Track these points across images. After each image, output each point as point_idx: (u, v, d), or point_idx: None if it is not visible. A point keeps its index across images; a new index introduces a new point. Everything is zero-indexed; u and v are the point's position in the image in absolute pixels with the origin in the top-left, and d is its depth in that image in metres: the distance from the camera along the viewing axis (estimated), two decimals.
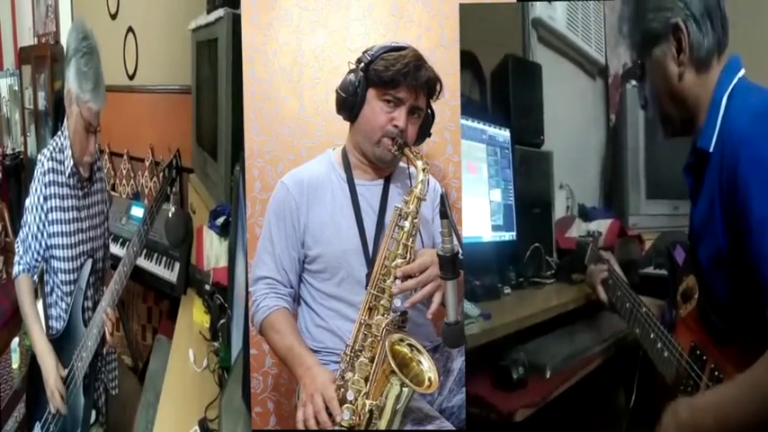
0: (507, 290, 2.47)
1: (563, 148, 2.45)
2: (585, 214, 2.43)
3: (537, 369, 2.43)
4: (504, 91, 2.46)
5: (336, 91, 2.29)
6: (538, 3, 2.44)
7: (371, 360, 2.16)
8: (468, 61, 2.42)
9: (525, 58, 2.45)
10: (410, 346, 2.19)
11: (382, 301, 2.17)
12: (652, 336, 2.11)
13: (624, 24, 2.08)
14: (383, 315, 2.17)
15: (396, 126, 2.24)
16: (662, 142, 2.27)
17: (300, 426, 2.15)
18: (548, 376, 2.43)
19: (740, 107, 1.85)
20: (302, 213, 2.33)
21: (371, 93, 2.25)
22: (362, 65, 2.26)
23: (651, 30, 1.96)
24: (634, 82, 2.17)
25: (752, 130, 1.79)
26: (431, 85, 2.27)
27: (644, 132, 2.38)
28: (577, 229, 2.44)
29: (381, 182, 2.35)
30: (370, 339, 2.17)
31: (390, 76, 2.22)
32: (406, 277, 2.18)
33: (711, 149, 1.85)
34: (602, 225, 2.40)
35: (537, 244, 2.46)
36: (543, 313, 2.46)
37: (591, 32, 2.44)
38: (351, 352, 2.19)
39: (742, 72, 1.90)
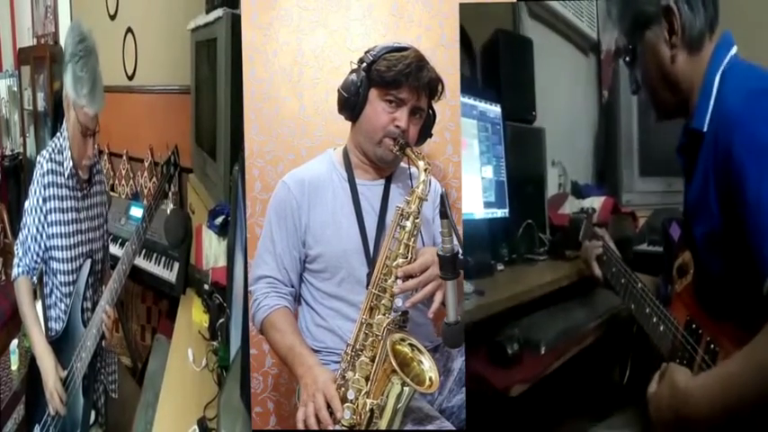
0: (500, 266, 2.45)
1: (555, 125, 2.43)
2: (578, 191, 2.42)
3: (531, 345, 2.42)
4: (495, 66, 2.44)
5: (338, 90, 2.29)
6: None
7: (372, 359, 2.17)
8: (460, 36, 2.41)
9: (516, 32, 2.44)
10: (411, 345, 2.19)
11: (383, 301, 2.18)
12: (647, 310, 2.12)
13: (614, 8, 2.09)
14: (384, 315, 2.18)
15: (397, 126, 2.24)
16: (655, 119, 2.28)
17: (301, 425, 2.15)
18: (542, 352, 2.43)
19: (733, 86, 1.86)
20: (303, 213, 2.33)
21: (373, 93, 2.26)
22: (364, 65, 2.26)
23: (643, 13, 1.97)
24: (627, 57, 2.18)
25: (745, 109, 1.80)
26: (432, 86, 2.28)
27: (637, 109, 2.36)
28: (570, 206, 2.43)
29: (382, 182, 2.36)
30: (371, 339, 2.18)
31: (392, 77, 2.23)
32: (407, 277, 2.18)
33: (705, 129, 1.87)
34: (595, 202, 2.39)
35: (529, 221, 2.45)
36: (537, 290, 2.45)
37: (583, 7, 2.43)
38: (352, 351, 2.19)
39: (734, 49, 1.91)
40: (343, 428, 2.12)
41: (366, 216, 2.32)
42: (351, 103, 2.28)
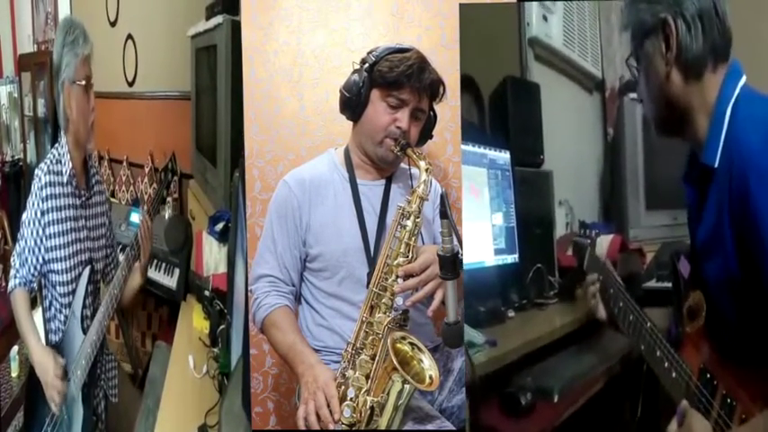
0: (511, 313, 2.46)
1: (561, 165, 2.44)
2: (586, 230, 2.43)
3: (544, 393, 2.41)
4: (504, 113, 2.45)
5: (340, 90, 2.30)
6: (534, 22, 2.44)
7: (372, 358, 2.17)
8: (467, 85, 2.41)
9: (523, 77, 2.45)
10: (411, 344, 2.19)
11: (384, 300, 2.18)
12: (658, 353, 2.07)
13: (622, 14, 2.07)
14: (385, 313, 2.18)
15: (398, 127, 2.26)
16: (660, 153, 2.26)
17: (301, 423, 2.15)
18: (555, 400, 2.41)
19: (747, 119, 1.80)
20: (304, 212, 2.33)
21: (375, 93, 2.27)
22: (367, 65, 2.27)
23: (642, 21, 1.93)
24: (633, 95, 2.17)
25: (762, 144, 1.75)
26: (434, 88, 2.30)
27: (642, 144, 2.37)
28: None
29: (383, 182, 2.36)
30: (371, 337, 2.18)
31: (394, 78, 2.24)
32: (407, 276, 2.18)
33: (716, 164, 1.81)
34: (603, 241, 2.39)
35: (539, 265, 2.45)
36: (548, 335, 2.44)
37: (587, 46, 2.44)
38: (352, 350, 2.19)
39: (743, 79, 1.86)
40: (344, 427, 2.11)
41: (367, 216, 2.33)
42: (352, 104, 2.29)
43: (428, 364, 2.17)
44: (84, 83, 2.69)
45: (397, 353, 2.14)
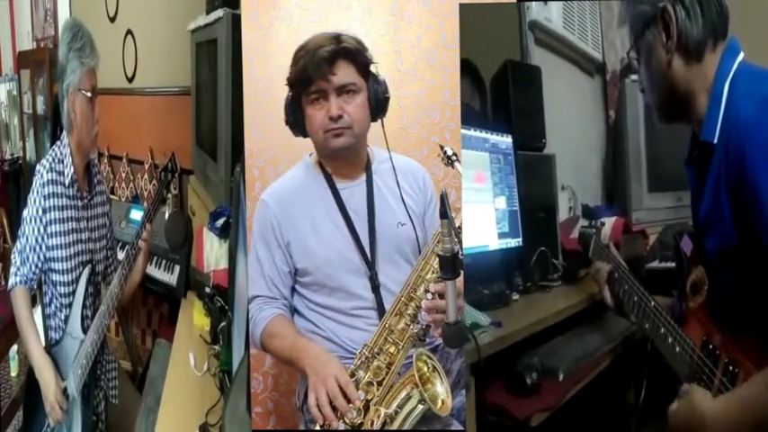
0: (516, 296, 2.47)
1: (564, 149, 2.44)
2: (589, 213, 2.42)
3: (550, 372, 2.40)
4: (505, 97, 2.43)
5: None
6: (534, 5, 2.42)
7: (389, 366, 2.13)
8: (467, 69, 2.39)
9: (523, 61, 2.43)
10: (433, 366, 2.16)
11: (409, 310, 2.14)
12: (662, 330, 2.05)
13: (620, 9, 2.06)
14: (407, 324, 2.15)
15: (331, 118, 2.17)
16: (662, 135, 2.26)
17: (314, 410, 2.09)
18: (560, 379, 2.41)
19: (744, 93, 1.79)
20: (284, 228, 2.27)
21: (304, 102, 2.21)
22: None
23: (642, 12, 1.91)
24: (633, 77, 2.15)
25: (758, 116, 1.73)
26: (347, 54, 2.18)
27: (644, 126, 2.36)
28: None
29: (363, 179, 2.30)
30: (390, 345, 2.15)
31: (299, 77, 2.17)
32: (440, 295, 2.14)
33: (716, 140, 1.80)
34: (606, 223, 2.38)
35: (543, 248, 2.45)
36: (552, 317, 2.44)
37: (587, 30, 2.43)
38: (368, 353, 2.16)
39: (741, 56, 1.85)
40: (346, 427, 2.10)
41: (355, 218, 2.26)
42: (292, 123, 2.24)
43: (442, 390, 2.12)
44: (89, 94, 2.68)
45: (417, 370, 2.11)
